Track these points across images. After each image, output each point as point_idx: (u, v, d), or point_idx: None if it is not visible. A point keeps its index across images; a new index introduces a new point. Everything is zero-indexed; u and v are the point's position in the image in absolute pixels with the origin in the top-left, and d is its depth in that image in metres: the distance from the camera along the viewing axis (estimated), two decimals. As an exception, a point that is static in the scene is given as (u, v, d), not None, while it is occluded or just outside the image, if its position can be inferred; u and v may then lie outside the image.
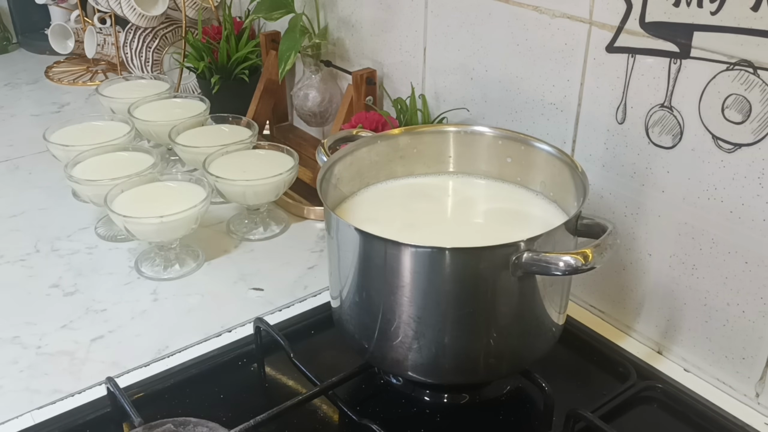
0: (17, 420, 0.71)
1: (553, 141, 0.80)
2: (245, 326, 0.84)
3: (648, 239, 0.77)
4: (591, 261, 0.58)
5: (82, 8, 1.59)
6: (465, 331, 0.65)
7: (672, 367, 0.77)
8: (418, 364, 0.66)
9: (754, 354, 0.71)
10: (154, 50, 1.40)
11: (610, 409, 0.70)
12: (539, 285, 0.64)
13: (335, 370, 0.73)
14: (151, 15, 1.33)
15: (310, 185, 1.08)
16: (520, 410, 0.73)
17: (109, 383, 0.71)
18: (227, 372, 0.77)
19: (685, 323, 0.76)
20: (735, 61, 0.64)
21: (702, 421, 0.70)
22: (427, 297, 0.63)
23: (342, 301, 0.70)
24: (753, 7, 0.61)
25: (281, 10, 1.07)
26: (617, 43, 0.73)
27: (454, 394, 0.73)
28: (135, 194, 0.93)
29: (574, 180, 0.71)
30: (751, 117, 0.64)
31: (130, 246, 0.99)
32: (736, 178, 0.67)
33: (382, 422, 0.67)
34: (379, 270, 0.64)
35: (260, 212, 1.03)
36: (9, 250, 0.99)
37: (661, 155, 0.73)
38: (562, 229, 0.64)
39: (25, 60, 1.72)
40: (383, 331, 0.66)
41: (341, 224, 0.66)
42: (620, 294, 0.82)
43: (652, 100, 0.72)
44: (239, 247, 1.00)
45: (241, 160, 1.02)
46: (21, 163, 1.23)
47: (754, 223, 0.67)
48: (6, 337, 0.82)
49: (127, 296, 0.89)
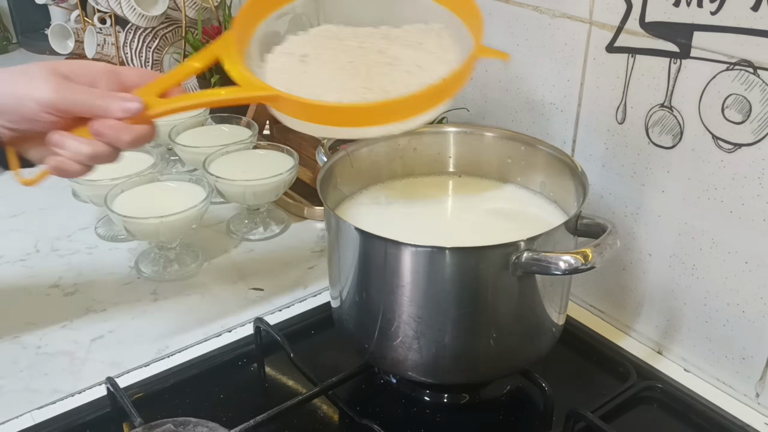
0: (17, 420, 0.71)
1: (553, 141, 0.80)
2: (245, 326, 0.83)
3: (648, 239, 0.77)
4: (591, 261, 0.58)
5: (82, 8, 1.59)
6: (465, 330, 0.65)
7: (672, 367, 0.77)
8: (418, 364, 0.66)
9: (754, 354, 0.71)
10: (154, 50, 1.40)
11: (610, 409, 0.70)
12: (539, 285, 0.64)
13: (335, 370, 0.73)
14: (151, 15, 1.33)
15: (310, 185, 1.08)
16: (520, 410, 0.73)
17: (109, 383, 0.71)
18: (227, 372, 0.77)
19: (685, 323, 0.76)
20: (735, 61, 0.64)
21: (702, 421, 0.70)
22: (427, 297, 0.63)
23: (342, 301, 0.70)
24: (753, 7, 0.61)
25: (281, 10, 1.07)
26: (617, 43, 0.73)
27: (454, 394, 0.73)
28: (135, 194, 0.93)
29: (574, 180, 0.71)
30: (751, 117, 0.64)
31: (130, 246, 0.99)
32: (736, 178, 0.67)
33: (382, 422, 0.67)
34: (379, 270, 0.64)
35: (260, 212, 1.03)
36: (9, 250, 0.98)
37: (661, 155, 0.73)
38: (562, 228, 0.64)
39: (25, 60, 1.72)
40: (383, 331, 0.66)
41: (341, 224, 0.66)
42: (620, 294, 0.82)
43: (652, 100, 0.72)
44: (239, 247, 0.99)
45: (241, 160, 1.01)
46: (21, 163, 1.23)
47: (754, 223, 0.67)
48: (6, 337, 0.82)
49: (127, 296, 0.89)
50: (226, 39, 0.63)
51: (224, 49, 0.62)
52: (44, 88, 0.57)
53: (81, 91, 0.59)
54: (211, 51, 0.62)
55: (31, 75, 0.58)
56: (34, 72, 0.58)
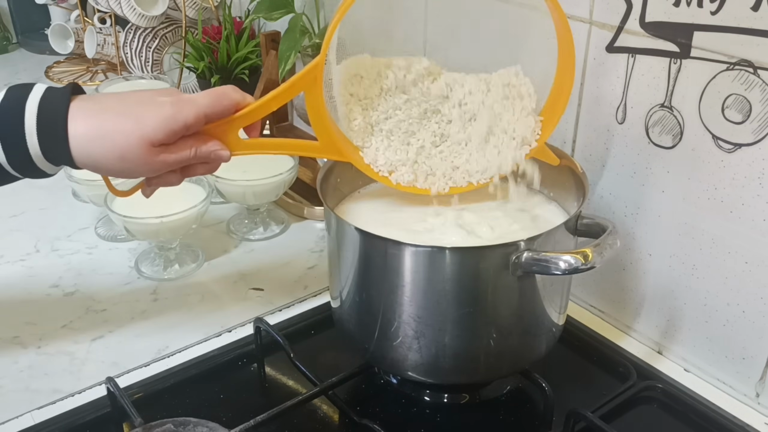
0: (17, 420, 0.71)
1: (553, 141, 0.80)
2: (245, 326, 0.83)
3: (648, 239, 0.77)
4: (591, 260, 0.58)
5: (82, 8, 1.59)
6: (465, 330, 0.65)
7: (672, 367, 0.77)
8: (418, 364, 0.66)
9: (754, 354, 0.71)
10: (154, 50, 1.40)
11: (610, 409, 0.70)
12: (539, 285, 0.64)
13: (335, 370, 0.73)
14: (151, 15, 1.33)
15: (310, 185, 1.08)
16: (520, 410, 0.73)
17: (109, 383, 0.71)
18: (227, 372, 0.77)
19: (685, 323, 0.76)
20: (735, 61, 0.64)
21: (702, 421, 0.70)
22: (427, 296, 0.63)
23: (342, 301, 0.70)
24: (753, 7, 0.61)
25: (281, 10, 1.07)
26: (617, 43, 0.73)
27: (454, 394, 0.73)
28: (135, 194, 0.93)
29: (574, 180, 0.71)
30: (751, 117, 0.64)
31: (130, 246, 0.99)
32: (736, 178, 0.67)
33: (382, 422, 0.67)
34: (379, 270, 0.64)
35: (260, 212, 1.03)
36: (9, 250, 0.98)
37: (661, 155, 0.73)
38: (562, 228, 0.64)
39: (25, 60, 1.72)
40: (383, 331, 0.66)
41: (341, 224, 0.66)
42: (620, 294, 0.82)
43: (652, 100, 0.72)
44: (239, 247, 0.99)
45: (241, 160, 1.01)
46: (21, 163, 1.23)
47: (754, 223, 0.67)
48: (6, 337, 0.82)
49: (127, 296, 0.89)
50: (311, 73, 0.64)
51: (310, 86, 0.65)
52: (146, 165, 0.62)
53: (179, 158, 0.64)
54: (295, 87, 0.65)
55: (130, 160, 0.61)
56: (132, 155, 0.61)
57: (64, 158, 0.61)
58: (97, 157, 0.61)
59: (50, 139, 0.59)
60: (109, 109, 0.61)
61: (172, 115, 0.61)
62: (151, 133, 0.60)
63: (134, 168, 0.62)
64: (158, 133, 0.60)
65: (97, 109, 0.61)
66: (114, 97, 0.63)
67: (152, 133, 0.60)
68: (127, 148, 0.60)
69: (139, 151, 0.60)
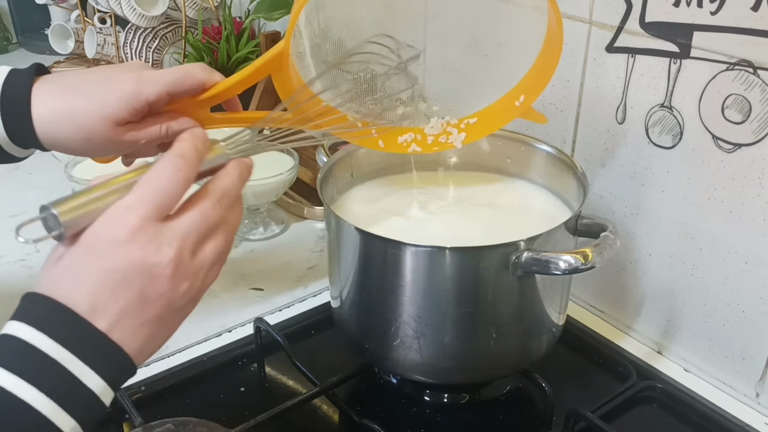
0: (17, 420, 0.71)
1: (553, 141, 0.80)
2: (245, 326, 0.83)
3: (648, 239, 0.77)
4: (591, 260, 0.58)
5: (82, 8, 1.59)
6: (465, 330, 0.65)
7: (672, 366, 0.77)
8: (418, 364, 0.66)
9: (754, 354, 0.71)
10: (154, 50, 1.40)
11: (610, 409, 0.70)
12: (539, 285, 0.64)
13: (335, 370, 0.73)
14: (151, 15, 1.33)
15: (310, 185, 1.08)
16: (520, 410, 0.73)
17: (109, 383, 0.71)
18: (227, 372, 0.77)
19: (685, 323, 0.76)
20: (735, 61, 0.64)
21: (702, 421, 0.70)
22: (427, 296, 0.63)
23: (342, 301, 0.70)
24: (753, 7, 0.61)
25: (281, 10, 1.07)
26: (617, 43, 0.73)
27: (454, 394, 0.73)
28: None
29: (575, 180, 0.71)
30: (751, 117, 0.64)
31: (130, 246, 0.98)
32: (736, 178, 0.67)
33: (382, 422, 0.67)
34: (380, 269, 0.64)
35: (260, 212, 1.03)
36: (9, 250, 0.98)
37: (661, 155, 0.73)
38: (562, 228, 0.64)
39: (25, 60, 1.72)
40: (383, 331, 0.66)
41: (341, 224, 0.66)
42: (620, 294, 0.82)
43: (652, 100, 0.72)
44: (239, 247, 0.99)
45: (240, 160, 1.01)
46: (21, 163, 1.23)
47: (754, 223, 0.67)
48: (6, 337, 0.82)
49: (127, 296, 0.89)
50: (276, 60, 0.62)
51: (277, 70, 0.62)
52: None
53: (148, 136, 0.60)
54: (261, 71, 0.62)
55: (96, 141, 0.59)
56: (97, 136, 0.59)
57: (31, 141, 0.59)
58: (63, 140, 0.58)
59: (15, 122, 0.58)
60: (70, 89, 0.59)
61: (133, 92, 0.57)
62: (115, 112, 0.57)
63: (102, 148, 0.59)
64: (122, 111, 0.57)
65: (59, 90, 0.59)
66: (76, 76, 0.60)
67: (116, 112, 0.57)
68: (92, 128, 0.57)
69: (104, 132, 0.58)
